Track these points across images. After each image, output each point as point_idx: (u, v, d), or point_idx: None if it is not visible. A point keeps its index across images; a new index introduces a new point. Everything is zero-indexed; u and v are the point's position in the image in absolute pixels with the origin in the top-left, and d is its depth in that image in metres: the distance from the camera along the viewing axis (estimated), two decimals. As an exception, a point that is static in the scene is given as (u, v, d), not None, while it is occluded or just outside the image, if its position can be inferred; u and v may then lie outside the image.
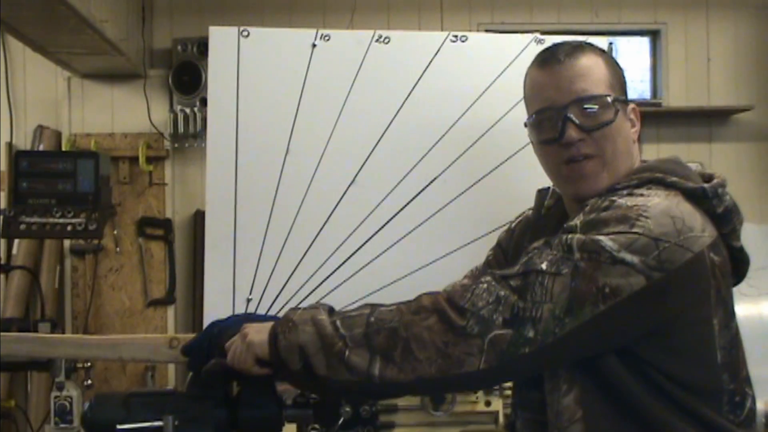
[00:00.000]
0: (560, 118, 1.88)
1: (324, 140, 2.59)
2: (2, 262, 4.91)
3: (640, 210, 1.71)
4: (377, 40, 2.63)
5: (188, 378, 2.02)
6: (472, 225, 2.58)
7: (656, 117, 5.46)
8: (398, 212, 2.60)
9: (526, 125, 2.00)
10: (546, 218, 2.12)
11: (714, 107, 5.45)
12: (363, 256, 2.59)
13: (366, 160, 2.60)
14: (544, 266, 1.68)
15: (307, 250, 2.57)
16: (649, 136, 5.43)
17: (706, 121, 5.51)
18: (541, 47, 2.32)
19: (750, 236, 5.73)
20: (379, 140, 2.61)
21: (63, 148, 5.09)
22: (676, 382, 1.75)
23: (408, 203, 2.61)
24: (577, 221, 1.76)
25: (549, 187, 2.15)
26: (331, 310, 1.82)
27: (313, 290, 2.56)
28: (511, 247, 2.24)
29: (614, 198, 1.78)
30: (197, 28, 5.11)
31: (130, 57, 4.77)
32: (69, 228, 3.66)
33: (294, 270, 2.56)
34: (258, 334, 1.83)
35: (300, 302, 2.54)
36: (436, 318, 1.68)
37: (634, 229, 1.68)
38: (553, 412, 1.82)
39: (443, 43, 2.64)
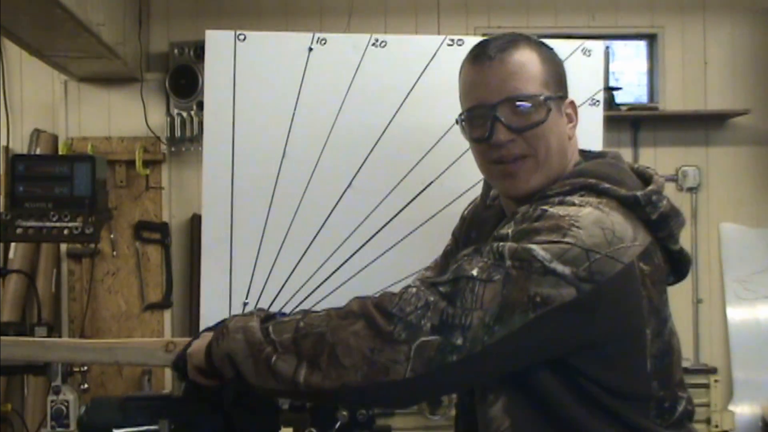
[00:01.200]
0: (489, 117, 1.84)
1: (320, 144, 2.59)
2: (-1, 266, 4.91)
3: (571, 220, 1.68)
4: (374, 44, 2.63)
5: (184, 383, 2.02)
6: (469, 229, 2.58)
7: (653, 121, 5.47)
8: (395, 216, 2.60)
9: (457, 122, 1.96)
10: (489, 209, 2.09)
11: (711, 111, 5.46)
12: (360, 260, 2.59)
13: (363, 163, 2.60)
14: (474, 272, 1.64)
15: (303, 254, 2.57)
16: (645, 140, 5.44)
17: (702, 124, 5.51)
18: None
19: (746, 240, 5.78)
20: (375, 144, 2.61)
21: (60, 152, 5.09)
22: (604, 389, 1.73)
23: (405, 207, 2.61)
24: (508, 230, 1.72)
25: None
26: (267, 317, 1.77)
27: (310, 294, 2.56)
28: (462, 234, 2.21)
29: (546, 207, 1.74)
30: (194, 32, 5.11)
31: (126, 61, 4.77)
32: (66, 232, 3.65)
33: (290, 274, 2.56)
34: (198, 343, 1.82)
35: (297, 306, 2.54)
36: (363, 323, 1.63)
37: (566, 239, 1.65)
38: (482, 421, 1.80)
39: (440, 46, 2.64)
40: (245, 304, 2.55)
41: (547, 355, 1.69)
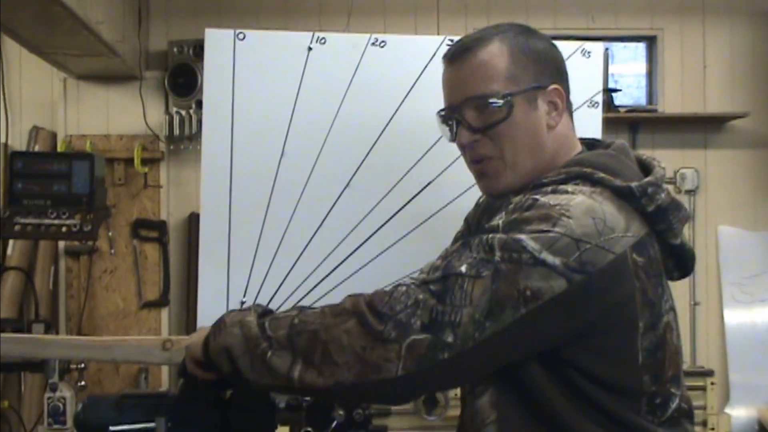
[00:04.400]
0: (453, 119, 1.88)
1: (319, 143, 2.60)
2: (-4, 262, 4.91)
3: (562, 209, 1.67)
4: (373, 44, 2.63)
5: (181, 380, 2.02)
6: (467, 229, 2.59)
7: (652, 123, 5.47)
8: (393, 216, 2.60)
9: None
10: (501, 198, 2.04)
11: (709, 114, 5.46)
12: (357, 260, 2.59)
13: (361, 163, 2.60)
14: (463, 269, 1.64)
15: (301, 253, 2.57)
16: (644, 142, 5.44)
17: (701, 127, 5.51)
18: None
19: (744, 243, 5.78)
20: (374, 144, 2.61)
21: (58, 150, 5.09)
22: (594, 381, 1.71)
23: (403, 207, 2.61)
24: (499, 221, 1.71)
25: None
26: (264, 312, 1.78)
27: (307, 293, 2.56)
28: (475, 220, 2.20)
29: (537, 197, 1.73)
30: (193, 30, 5.11)
31: (125, 59, 4.76)
32: (64, 229, 3.65)
33: (288, 273, 2.57)
34: (197, 337, 1.82)
35: (294, 305, 2.53)
36: (355, 321, 1.63)
37: (556, 228, 1.64)
38: (469, 412, 1.80)
39: (439, 47, 2.64)
40: (242, 302, 2.55)
41: (539, 347, 1.68)
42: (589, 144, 1.99)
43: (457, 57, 1.88)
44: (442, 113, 1.93)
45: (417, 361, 1.60)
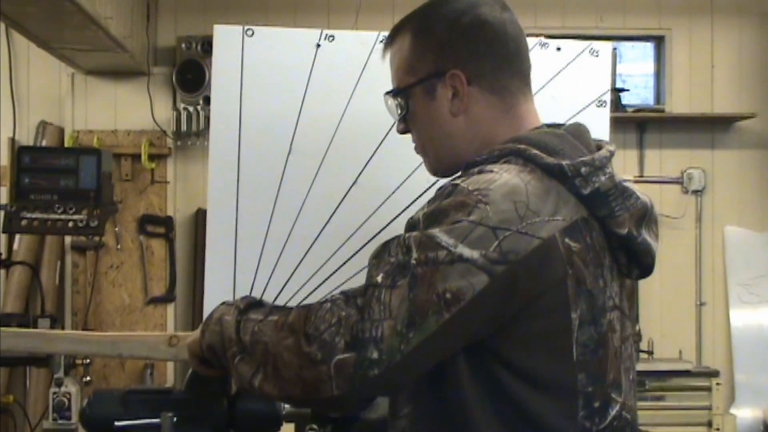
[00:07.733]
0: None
1: (327, 140, 2.59)
2: (3, 257, 4.91)
3: (480, 195, 1.54)
4: (381, 41, 2.62)
5: (187, 376, 2.02)
6: (474, 228, 2.58)
7: (659, 123, 5.46)
8: (400, 213, 2.60)
9: None
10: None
11: (717, 114, 5.46)
12: (364, 258, 2.57)
13: (368, 161, 2.60)
14: (379, 279, 1.54)
15: (308, 250, 2.57)
16: (651, 142, 5.44)
17: (709, 127, 5.51)
18: (545, 51, 2.32)
19: (750, 243, 5.77)
20: (381, 141, 2.60)
21: (66, 145, 5.11)
22: (522, 377, 1.58)
23: (410, 205, 2.60)
24: (420, 213, 1.61)
25: None
26: (248, 306, 1.72)
27: (314, 290, 2.55)
28: None
29: (458, 182, 1.60)
30: (202, 27, 5.12)
31: (134, 54, 4.77)
32: (70, 224, 3.65)
33: (294, 270, 2.56)
34: (198, 332, 1.81)
35: (300, 302, 2.53)
36: (293, 340, 1.55)
37: (471, 217, 1.52)
38: (391, 404, 1.73)
39: (447, 45, 2.63)
40: (248, 299, 2.55)
41: (472, 340, 1.57)
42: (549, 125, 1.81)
43: (383, 52, 1.88)
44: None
45: (348, 380, 1.51)
